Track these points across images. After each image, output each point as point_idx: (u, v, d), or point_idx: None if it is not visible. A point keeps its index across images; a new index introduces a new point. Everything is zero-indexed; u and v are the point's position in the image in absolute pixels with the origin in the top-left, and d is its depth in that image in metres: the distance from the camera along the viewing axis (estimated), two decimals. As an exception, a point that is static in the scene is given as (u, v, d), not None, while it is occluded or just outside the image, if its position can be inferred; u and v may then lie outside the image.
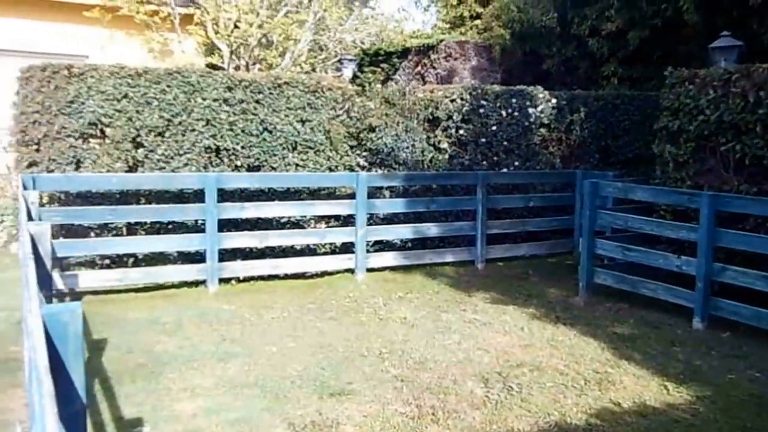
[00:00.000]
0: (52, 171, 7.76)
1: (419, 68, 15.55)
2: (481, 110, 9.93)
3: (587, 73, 13.41)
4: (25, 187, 6.84)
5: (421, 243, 9.46)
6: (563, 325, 7.00)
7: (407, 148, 9.41)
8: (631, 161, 10.75)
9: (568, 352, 6.19)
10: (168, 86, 8.19)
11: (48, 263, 4.78)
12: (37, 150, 7.83)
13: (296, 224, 8.84)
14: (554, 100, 10.44)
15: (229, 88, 8.46)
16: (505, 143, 10.13)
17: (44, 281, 4.09)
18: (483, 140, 9.97)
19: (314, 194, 8.88)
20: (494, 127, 10.02)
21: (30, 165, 7.80)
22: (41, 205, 7.33)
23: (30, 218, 6.08)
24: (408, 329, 6.81)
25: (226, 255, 8.18)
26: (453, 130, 9.79)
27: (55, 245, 6.87)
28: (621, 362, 5.92)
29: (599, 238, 8.02)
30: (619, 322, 7.12)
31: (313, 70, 12.76)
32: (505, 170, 10.11)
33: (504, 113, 10.08)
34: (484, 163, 10.01)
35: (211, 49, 11.67)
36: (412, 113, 9.51)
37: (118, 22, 11.30)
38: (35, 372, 2.01)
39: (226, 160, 8.46)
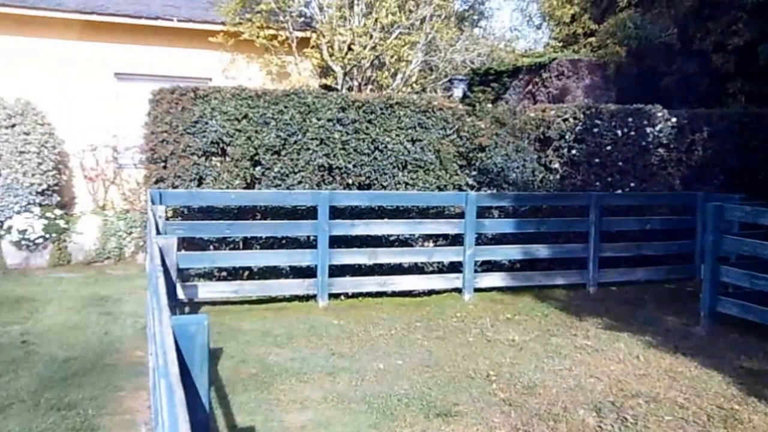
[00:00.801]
0: (176, 187, 8.23)
1: (530, 87, 15.37)
2: (595, 130, 9.69)
3: (709, 91, 12.80)
4: (153, 202, 7.27)
5: (530, 264, 9.30)
6: (683, 355, 6.66)
7: (517, 168, 9.31)
8: (760, 184, 10.12)
9: (689, 384, 5.88)
10: (285, 107, 8.51)
11: (173, 275, 5.06)
12: (165, 167, 8.33)
13: (404, 242, 8.92)
14: (674, 119, 10.04)
15: (343, 109, 8.69)
16: (620, 164, 9.83)
17: (170, 292, 4.32)
18: (596, 160, 9.72)
19: (423, 213, 8.94)
20: (609, 147, 9.74)
21: (157, 181, 8.31)
22: (167, 218, 7.77)
23: (158, 232, 6.45)
24: (516, 352, 6.70)
25: (336, 270, 8.35)
26: (565, 150, 9.60)
27: (178, 257, 7.25)
28: (749, 399, 5.55)
29: (724, 265, 7.60)
30: (746, 355, 6.68)
31: (424, 90, 12.86)
32: (619, 191, 9.80)
33: (619, 133, 9.79)
34: (598, 183, 9.74)
35: (325, 70, 12.02)
36: (522, 133, 9.41)
37: (240, 47, 11.87)
38: (165, 380, 2.11)
39: (338, 178, 8.68)
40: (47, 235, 10.20)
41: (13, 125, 10.47)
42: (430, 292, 8.87)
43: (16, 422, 4.84)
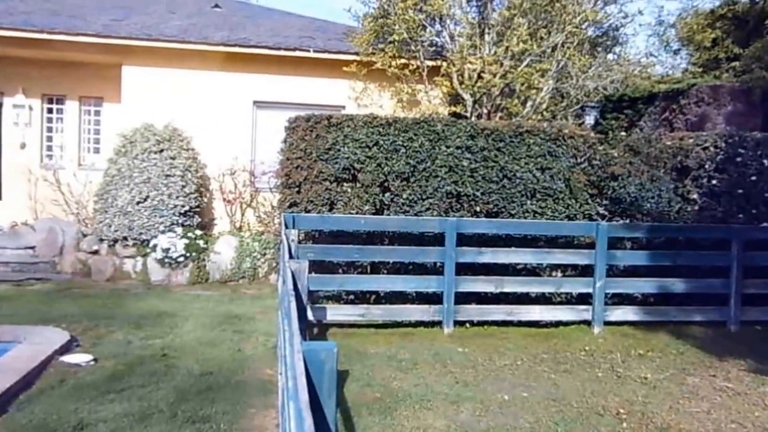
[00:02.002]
0: (309, 211, 8.53)
1: (667, 114, 14.74)
2: (738, 159, 9.14)
3: None
4: (286, 225, 7.57)
5: (664, 298, 8.85)
6: (838, 404, 6.11)
7: (652, 198, 8.93)
8: None
9: None
10: (415, 134, 8.64)
11: (304, 297, 5.23)
12: (298, 192, 8.67)
13: (532, 271, 8.76)
14: (829, 149, 9.30)
15: (472, 137, 8.71)
16: (767, 195, 9.20)
17: (300, 314, 4.47)
18: (739, 191, 9.14)
19: (551, 242, 8.75)
20: (754, 178, 9.15)
21: (291, 205, 8.65)
22: (299, 241, 8.05)
23: (290, 255, 6.70)
24: (648, 390, 6.39)
25: (462, 298, 8.31)
26: (704, 180, 9.11)
27: (309, 279, 7.49)
28: None
29: None
30: None
31: (554, 117, 12.64)
32: (766, 225, 9.16)
33: (766, 162, 9.18)
34: (741, 216, 9.15)
35: (455, 98, 12.10)
36: (658, 162, 9.04)
37: (372, 76, 12.19)
38: (295, 404, 2.17)
39: (465, 205, 8.68)
40: (188, 254, 10.84)
41: (161, 150, 11.27)
42: (558, 324, 8.63)
43: None
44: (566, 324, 8.64)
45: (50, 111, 13.26)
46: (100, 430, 5.09)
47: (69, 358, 6.65)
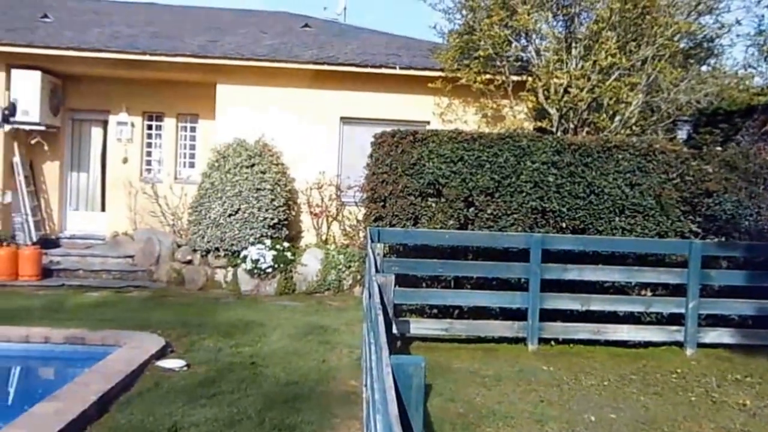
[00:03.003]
0: (394, 225, 8.64)
1: (767, 128, 14.08)
2: None
3: None
4: (372, 239, 7.69)
5: (764, 321, 8.44)
6: None
7: (750, 215, 8.57)
8: None
9: None
10: (500, 150, 8.63)
11: (390, 311, 5.30)
12: (384, 206, 8.80)
13: (619, 290, 8.55)
14: None
15: (558, 152, 8.62)
16: None
17: (386, 328, 4.54)
18: None
19: (641, 260, 8.52)
20: None
21: (376, 219, 8.78)
22: (383, 255, 8.16)
23: (376, 269, 6.80)
24: (747, 418, 6.11)
25: (546, 315, 8.20)
26: (809, 198, 8.68)
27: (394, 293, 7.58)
28: None
29: None
30: None
31: (644, 132, 12.30)
32: None
33: None
34: None
35: (540, 113, 11.97)
36: (757, 177, 8.67)
37: (457, 91, 12.23)
38: (384, 417, 2.21)
39: (551, 221, 8.58)
40: (276, 265, 11.14)
41: (252, 165, 11.66)
42: (647, 344, 8.38)
43: (245, 437, 5.32)
44: (656, 345, 8.37)
45: (150, 127, 13.95)
46: (192, 433, 5.31)
47: (164, 363, 6.96)
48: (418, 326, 8.27)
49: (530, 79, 11.73)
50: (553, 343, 8.30)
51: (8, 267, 11.30)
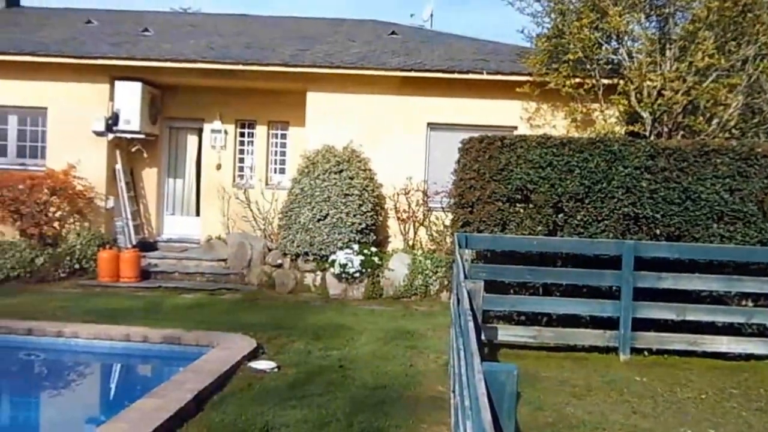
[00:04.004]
0: (481, 231, 8.60)
1: None
2: None
3: None
4: (459, 245, 7.68)
5: None
6: None
7: None
8: None
9: None
10: (590, 155, 8.45)
11: (479, 317, 5.29)
12: (471, 212, 8.77)
13: (717, 299, 8.21)
14: None
15: (651, 156, 8.37)
16: None
17: (476, 334, 4.53)
18: None
19: (741, 269, 8.14)
20: None
21: (464, 225, 8.77)
22: (471, 261, 8.13)
23: (465, 275, 6.80)
24: None
25: (639, 324, 7.96)
26: None
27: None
28: None
29: None
30: None
31: (743, 135, 11.77)
32: None
33: None
34: None
35: (632, 117, 11.65)
36: None
37: (545, 96, 12.06)
38: (477, 425, 2.21)
39: (644, 228, 8.33)
40: (363, 270, 11.29)
41: (341, 171, 11.86)
42: (749, 357, 8.00)
43: (337, 437, 5.41)
44: (759, 358, 7.98)
45: (242, 135, 14.42)
46: (283, 433, 5.45)
47: (255, 364, 7.16)
48: (506, 333, 8.19)
49: (622, 82, 11.44)
50: (646, 353, 8.04)
51: (110, 269, 11.91)
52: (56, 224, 12.76)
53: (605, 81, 11.69)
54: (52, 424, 6.97)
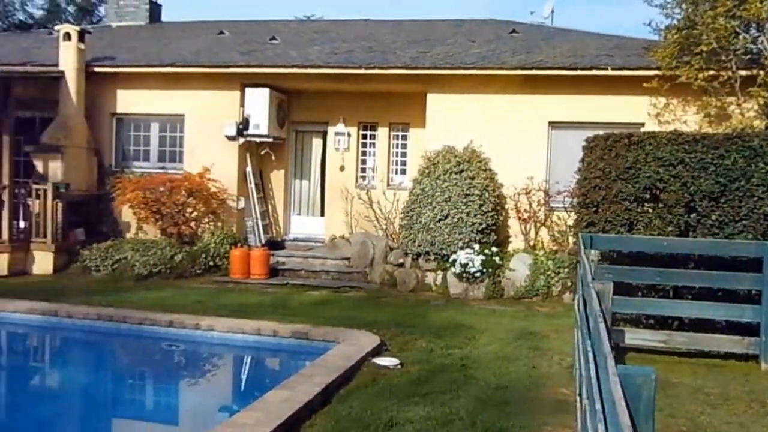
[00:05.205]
0: (607, 231, 8.37)
1: None
2: None
3: None
4: (584, 246, 7.52)
5: None
6: None
7: None
8: None
9: None
10: (726, 151, 8.02)
11: (608, 320, 5.17)
12: (596, 212, 8.56)
13: None
14: None
15: (796, 152, 7.84)
16: None
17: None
18: None
19: None
20: None
21: (588, 225, 8.57)
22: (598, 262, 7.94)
23: (592, 276, 6.65)
24: None
25: (782, 331, 7.48)
26: None
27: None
28: None
29: None
30: None
31: None
32: None
33: None
34: None
35: (773, 109, 10.95)
36: None
37: (675, 90, 11.51)
38: (613, 429, 2.18)
39: (788, 228, 7.82)
40: (484, 270, 11.25)
41: (461, 171, 11.88)
42: None
43: (459, 436, 5.46)
44: None
45: (364, 137, 14.75)
46: (407, 430, 5.54)
47: (379, 361, 7.33)
48: (634, 336, 7.92)
49: (762, 72, 10.76)
50: (791, 362, 7.55)
51: (242, 266, 12.53)
52: (192, 224, 13.57)
53: (743, 72, 11.04)
54: (189, 410, 7.46)
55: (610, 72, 12.01)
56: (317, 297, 11.29)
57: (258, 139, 13.97)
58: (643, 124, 11.91)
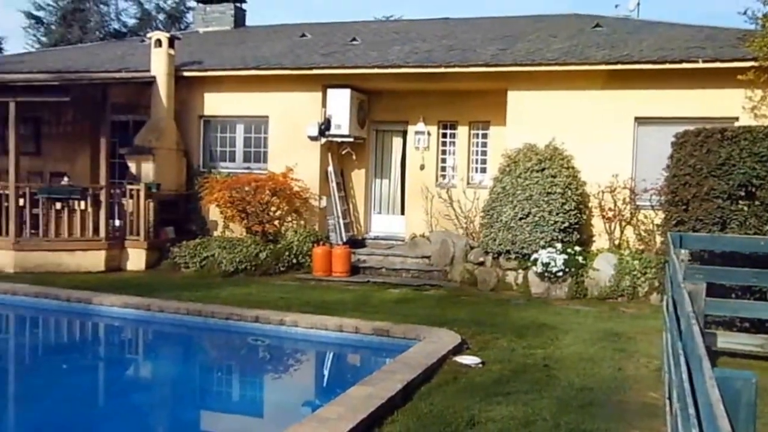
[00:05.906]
0: (697, 230, 8.08)
1: None
2: None
3: None
4: (673, 245, 7.28)
5: None
6: None
7: None
8: None
9: None
10: (831, 145, 7.61)
11: (701, 321, 5.00)
12: (686, 210, 8.28)
13: None
14: None
15: None
16: None
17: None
18: None
19: None
20: None
21: (677, 224, 8.29)
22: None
23: (683, 276, 6.44)
24: None
25: None
26: None
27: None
28: None
29: None
30: None
31: None
32: None
33: None
34: None
35: None
36: None
37: (772, 82, 11.02)
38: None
39: None
40: (567, 269, 11.05)
41: (543, 169, 11.70)
42: None
43: (541, 437, 5.39)
44: None
45: (444, 135, 14.72)
46: (489, 429, 5.50)
47: (460, 359, 7.31)
48: (727, 340, 7.60)
49: None
50: None
51: (324, 264, 12.74)
52: (276, 222, 13.90)
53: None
54: (273, 404, 7.65)
55: (701, 65, 11.54)
56: (398, 295, 11.35)
57: (339, 139, 14.17)
58: (737, 119, 11.40)
